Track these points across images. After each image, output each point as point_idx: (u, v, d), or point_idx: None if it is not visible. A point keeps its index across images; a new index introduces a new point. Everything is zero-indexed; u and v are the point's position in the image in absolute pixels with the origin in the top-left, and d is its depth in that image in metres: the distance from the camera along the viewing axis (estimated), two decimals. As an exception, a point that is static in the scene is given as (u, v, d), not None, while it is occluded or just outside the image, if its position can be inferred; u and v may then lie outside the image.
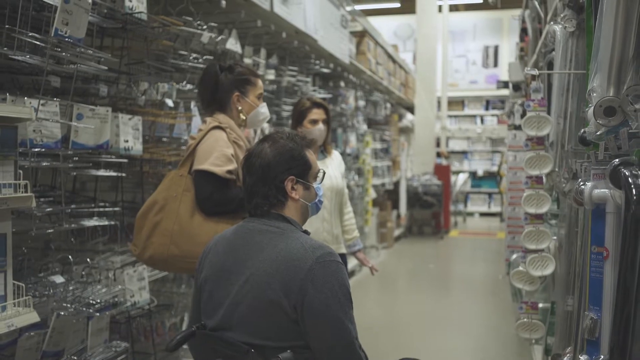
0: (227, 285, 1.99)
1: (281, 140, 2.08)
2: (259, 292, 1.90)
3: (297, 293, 1.86)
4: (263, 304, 1.89)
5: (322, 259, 1.90)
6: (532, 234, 3.03)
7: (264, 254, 1.95)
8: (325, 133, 3.57)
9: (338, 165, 3.70)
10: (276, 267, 1.90)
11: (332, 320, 1.89)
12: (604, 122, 1.63)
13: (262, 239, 1.99)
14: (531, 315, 3.18)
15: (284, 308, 1.87)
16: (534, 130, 3.01)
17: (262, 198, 2.04)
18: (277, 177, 2.04)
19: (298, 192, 2.07)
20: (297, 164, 2.07)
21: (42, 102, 2.50)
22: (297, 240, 1.97)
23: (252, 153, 2.08)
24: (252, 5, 4.28)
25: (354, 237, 3.77)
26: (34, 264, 2.83)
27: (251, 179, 2.05)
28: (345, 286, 1.93)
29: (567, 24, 2.90)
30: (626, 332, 1.37)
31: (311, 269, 1.88)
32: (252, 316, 1.92)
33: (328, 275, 1.89)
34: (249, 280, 1.93)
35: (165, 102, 3.44)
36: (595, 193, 1.83)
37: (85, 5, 2.53)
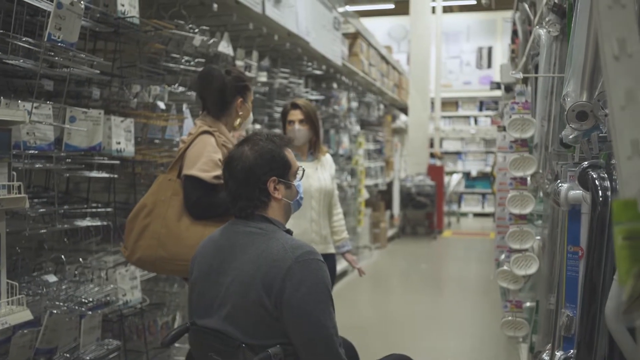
0: (215, 285, 2.04)
1: (260, 142, 2.11)
2: (243, 293, 1.95)
3: (277, 292, 1.90)
4: (247, 304, 1.94)
5: (302, 258, 1.94)
6: (516, 234, 3.10)
7: (247, 255, 2.00)
8: (303, 133, 3.63)
9: (328, 168, 3.76)
10: (258, 267, 1.95)
11: (309, 316, 1.91)
12: (576, 126, 1.69)
13: (246, 241, 2.04)
14: (515, 314, 3.24)
15: (266, 307, 1.91)
16: (518, 132, 3.07)
17: (246, 201, 2.08)
18: (260, 179, 2.07)
19: (280, 192, 2.11)
20: (277, 164, 2.11)
21: (35, 105, 2.55)
22: (278, 240, 2.00)
23: (233, 157, 2.10)
24: (244, 8, 4.34)
25: (342, 238, 3.83)
26: (27, 263, 2.89)
27: (234, 182, 2.08)
28: (324, 284, 1.96)
29: (551, 28, 2.96)
30: (593, 328, 1.44)
31: (290, 267, 1.91)
32: (238, 316, 1.96)
33: (306, 273, 1.92)
34: (234, 281, 1.98)
35: (157, 104, 3.50)
36: (570, 194, 1.90)
37: (77, 11, 2.58)
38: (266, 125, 5.50)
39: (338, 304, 3.83)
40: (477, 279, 8.07)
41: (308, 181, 3.56)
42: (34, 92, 2.57)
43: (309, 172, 3.56)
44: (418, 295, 7.24)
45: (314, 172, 3.64)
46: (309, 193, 3.58)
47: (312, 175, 3.61)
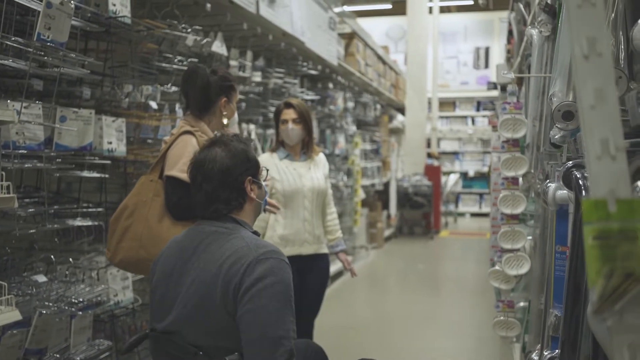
0: (176, 287, 2.01)
1: (231, 143, 2.10)
2: (203, 293, 1.92)
3: (236, 287, 1.87)
4: (207, 305, 1.91)
5: (264, 255, 1.92)
6: (508, 233, 3.09)
7: (209, 254, 1.98)
8: (297, 132, 3.60)
9: (322, 167, 3.75)
10: (220, 266, 1.92)
11: (261, 312, 1.85)
12: (562, 126, 1.69)
13: (210, 240, 2.02)
14: (507, 314, 3.24)
15: (226, 307, 1.88)
16: (510, 132, 3.07)
17: (224, 203, 2.06)
18: (237, 180, 2.06)
19: (254, 192, 2.12)
20: (251, 164, 2.12)
21: (25, 105, 2.55)
22: (243, 239, 1.99)
23: (206, 159, 2.07)
24: (238, 8, 4.33)
25: (336, 238, 3.81)
26: (18, 263, 2.88)
27: (210, 185, 2.05)
28: (284, 283, 1.92)
29: (543, 28, 2.95)
30: (577, 328, 1.43)
31: (250, 264, 1.89)
32: (198, 317, 1.93)
33: (267, 270, 1.89)
34: (195, 281, 1.95)
35: (149, 104, 3.49)
36: (558, 194, 1.90)
37: (67, 10, 2.58)
38: (261, 125, 5.50)
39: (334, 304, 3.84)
40: (474, 279, 8.07)
41: (301, 181, 3.56)
42: (23, 92, 2.57)
43: (301, 171, 3.59)
44: (414, 295, 7.24)
45: (307, 172, 3.62)
46: (302, 193, 3.57)
47: (305, 175, 3.60)
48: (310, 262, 3.60)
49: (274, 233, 3.54)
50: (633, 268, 0.74)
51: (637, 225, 0.74)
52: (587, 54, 0.75)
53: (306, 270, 3.57)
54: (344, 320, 5.74)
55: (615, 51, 1.50)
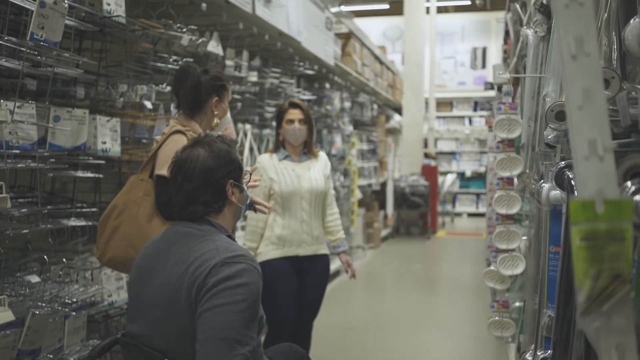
0: (147, 288, 1.96)
1: (215, 143, 2.04)
2: (170, 296, 1.87)
3: (198, 289, 1.82)
4: (173, 308, 1.85)
5: (230, 259, 1.85)
6: (503, 234, 3.09)
7: (179, 256, 1.93)
8: (303, 133, 3.59)
9: (322, 168, 3.71)
10: (186, 269, 1.87)
11: (218, 312, 1.77)
12: (555, 126, 1.69)
13: (182, 242, 1.97)
14: (502, 314, 3.24)
15: (190, 310, 1.82)
16: (505, 132, 3.06)
17: (202, 205, 2.01)
18: (219, 182, 2.01)
19: (236, 196, 2.06)
20: (234, 167, 2.06)
21: (18, 105, 2.54)
22: (214, 242, 1.93)
23: (187, 159, 2.01)
24: (234, 7, 4.32)
25: (337, 239, 3.78)
26: (11, 264, 2.87)
27: (190, 185, 2.00)
28: (248, 288, 1.82)
29: (538, 28, 2.95)
30: (569, 328, 1.43)
31: (215, 266, 1.83)
32: (165, 320, 1.88)
33: (231, 274, 1.82)
34: (162, 283, 1.90)
35: (144, 104, 3.48)
36: (552, 194, 1.90)
37: (61, 10, 2.57)
38: (257, 125, 5.49)
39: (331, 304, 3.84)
40: (471, 279, 8.07)
41: (299, 182, 3.54)
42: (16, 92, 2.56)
43: (300, 172, 3.57)
44: (411, 295, 7.24)
45: (306, 173, 3.60)
46: (300, 194, 3.54)
47: (303, 176, 3.58)
48: (308, 263, 3.57)
49: (272, 233, 3.52)
50: (621, 269, 0.74)
51: (624, 226, 0.74)
52: (574, 53, 0.74)
53: (305, 271, 3.56)
54: (341, 320, 5.73)
55: (608, 52, 1.50)
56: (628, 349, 0.78)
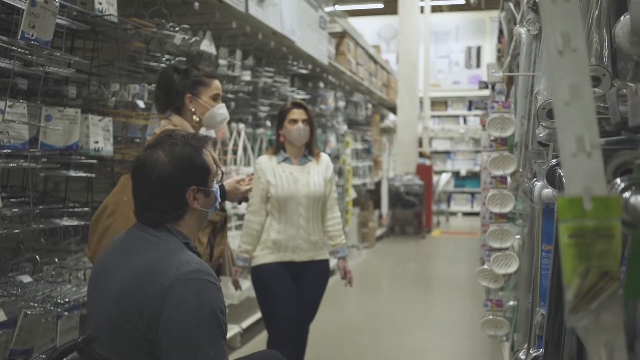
0: (100, 293, 1.87)
1: (177, 146, 1.89)
2: (120, 304, 1.76)
3: (154, 310, 1.70)
4: (121, 318, 1.75)
5: (186, 276, 1.72)
6: (496, 232, 3.09)
7: (132, 263, 1.81)
8: (305, 133, 3.47)
9: (323, 170, 3.57)
10: (137, 278, 1.76)
11: (188, 343, 1.69)
12: (547, 124, 1.69)
13: (137, 247, 1.86)
14: (496, 313, 3.24)
15: (138, 325, 1.72)
16: (498, 131, 3.06)
17: (159, 212, 1.88)
18: (179, 190, 1.88)
19: (199, 201, 1.92)
20: (198, 172, 1.91)
21: (9, 104, 2.52)
22: (167, 252, 1.80)
23: (145, 163, 1.87)
24: (227, 6, 4.31)
25: (337, 244, 3.65)
26: (3, 264, 2.86)
27: (147, 192, 1.88)
28: (211, 308, 1.73)
29: (531, 26, 2.95)
30: (561, 327, 1.43)
31: (172, 286, 1.71)
32: (112, 330, 1.78)
33: (190, 295, 1.70)
34: (115, 290, 1.80)
35: (136, 103, 3.47)
36: (544, 193, 1.90)
37: (52, 8, 2.56)
38: (250, 124, 5.48)
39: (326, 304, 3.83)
40: (466, 278, 8.07)
41: (296, 186, 3.42)
42: (7, 91, 2.54)
43: (298, 176, 3.45)
44: (406, 294, 7.24)
45: (304, 176, 3.47)
46: (297, 199, 3.41)
47: (301, 180, 3.45)
48: (305, 268, 3.47)
49: (268, 237, 3.43)
50: (609, 266, 0.74)
51: (612, 223, 0.74)
52: (561, 49, 0.74)
53: (301, 276, 3.47)
54: (335, 320, 5.73)
55: (599, 49, 1.49)
56: (617, 347, 0.78)
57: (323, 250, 3.57)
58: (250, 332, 5.12)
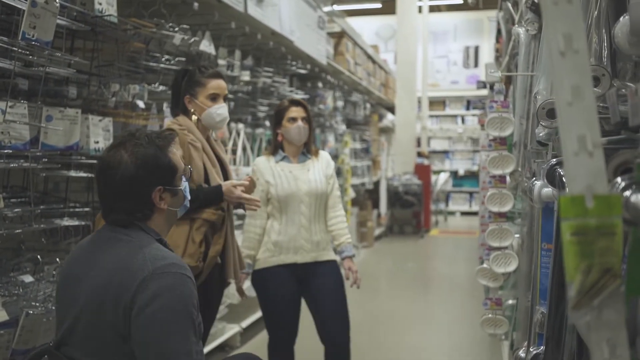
0: (70, 296, 1.83)
1: (141, 146, 1.84)
2: (93, 306, 1.74)
3: (127, 305, 1.69)
4: (95, 319, 1.73)
5: (161, 270, 1.72)
6: (496, 231, 3.11)
7: (104, 263, 1.79)
8: (305, 131, 3.40)
9: (323, 167, 3.48)
10: (111, 277, 1.74)
11: (157, 338, 1.68)
12: (546, 124, 1.70)
13: (108, 247, 1.83)
14: (495, 311, 3.25)
15: (115, 323, 1.70)
16: (497, 130, 3.08)
17: (125, 214, 1.85)
18: (143, 191, 1.85)
19: (166, 201, 1.89)
20: (163, 172, 1.88)
21: (10, 105, 2.53)
22: (141, 249, 1.78)
23: (108, 163, 1.83)
24: (226, 7, 4.32)
25: (341, 242, 3.48)
26: (5, 264, 2.86)
27: (111, 193, 1.85)
28: (183, 302, 1.72)
29: (530, 26, 2.96)
30: (561, 324, 1.44)
31: (145, 279, 1.70)
32: (85, 331, 1.76)
33: (163, 288, 1.70)
34: (85, 291, 1.77)
35: (136, 103, 3.48)
36: (544, 192, 1.91)
37: (52, 9, 2.56)
38: (250, 124, 5.49)
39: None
40: (464, 277, 8.10)
41: (296, 184, 3.33)
42: (8, 92, 2.55)
43: (297, 174, 3.36)
44: (405, 293, 7.26)
45: (304, 174, 3.38)
46: (298, 197, 3.32)
47: (301, 178, 3.36)
48: (310, 271, 3.35)
49: (269, 239, 3.33)
50: (611, 264, 0.75)
51: (614, 221, 0.75)
52: (563, 50, 0.75)
53: (307, 281, 3.35)
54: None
55: (598, 49, 1.51)
56: (619, 343, 0.79)
57: (328, 251, 3.43)
58: (249, 331, 5.13)
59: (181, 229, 2.76)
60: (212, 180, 2.93)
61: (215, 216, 2.86)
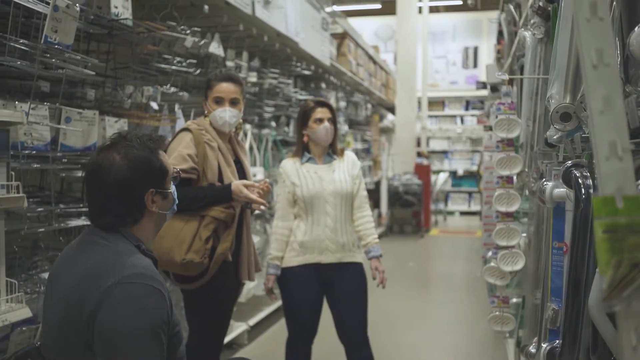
0: (49, 298, 1.85)
1: (134, 149, 1.84)
2: (63, 307, 1.73)
3: (91, 312, 1.66)
4: (64, 321, 1.73)
5: (127, 279, 1.68)
6: (503, 231, 3.17)
7: (78, 266, 1.77)
8: (332, 132, 3.40)
9: (349, 167, 3.47)
10: (80, 282, 1.72)
11: (117, 352, 1.65)
12: (560, 127, 1.77)
13: (85, 250, 1.82)
14: (503, 309, 3.32)
15: (79, 327, 1.69)
16: (505, 132, 3.15)
17: (115, 218, 1.84)
18: (136, 194, 1.84)
19: (157, 204, 1.89)
20: (155, 174, 1.87)
21: (32, 106, 2.60)
22: (115, 255, 1.76)
23: (100, 165, 1.82)
24: (234, 9, 4.39)
25: (368, 243, 3.50)
26: (23, 262, 2.92)
27: (102, 196, 1.83)
28: (148, 314, 1.68)
29: (536, 30, 3.03)
30: (577, 319, 1.51)
31: (110, 288, 1.67)
32: (57, 335, 1.76)
33: (127, 298, 1.66)
34: (60, 294, 1.77)
35: (150, 104, 3.55)
36: (555, 192, 1.97)
37: (73, 13, 2.63)
38: (256, 125, 5.55)
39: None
40: (464, 276, 8.17)
41: (321, 185, 3.33)
42: (30, 94, 2.62)
43: (322, 175, 3.36)
44: (406, 292, 7.32)
45: (329, 175, 3.38)
46: (323, 198, 3.32)
47: (325, 178, 3.36)
48: (334, 272, 3.37)
49: (295, 239, 3.34)
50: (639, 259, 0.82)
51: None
52: (595, 63, 0.82)
53: (332, 282, 3.38)
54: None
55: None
56: (644, 332, 0.86)
57: (353, 253, 3.43)
58: (257, 329, 5.19)
59: (190, 225, 2.85)
60: (226, 179, 3.01)
61: (224, 214, 2.94)
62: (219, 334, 3.08)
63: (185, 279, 2.96)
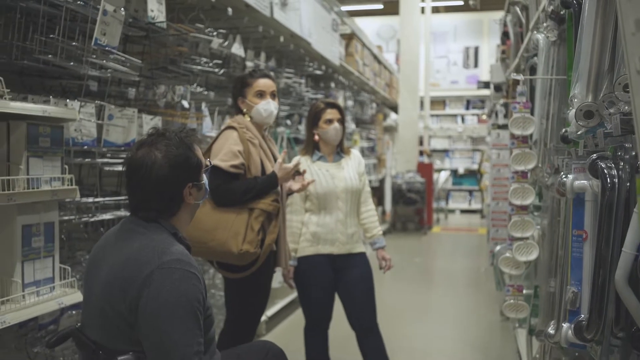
0: (91, 281, 1.98)
1: (173, 148, 1.97)
2: (106, 292, 1.87)
3: (134, 297, 1.81)
4: (107, 304, 1.86)
5: (167, 265, 1.83)
6: (518, 223, 3.35)
7: (120, 253, 1.92)
8: (341, 132, 3.61)
9: (356, 166, 3.70)
10: (122, 267, 1.87)
11: (160, 329, 1.79)
12: (583, 124, 1.95)
13: (125, 238, 1.96)
14: (517, 297, 3.50)
15: (121, 310, 1.82)
16: (520, 129, 3.32)
17: (156, 211, 1.99)
18: (176, 190, 1.98)
19: (194, 196, 2.04)
20: (193, 170, 2.02)
21: (81, 104, 2.77)
22: (153, 241, 1.90)
23: (143, 163, 1.94)
24: (254, 11, 4.56)
25: (374, 235, 3.76)
26: (66, 252, 3.09)
27: (144, 192, 1.96)
28: (186, 297, 1.82)
29: (550, 33, 3.20)
30: (602, 296, 1.69)
31: (151, 273, 1.81)
32: (100, 316, 1.89)
33: (168, 282, 1.81)
34: (102, 278, 1.91)
35: (182, 103, 3.72)
36: (576, 184, 2.16)
37: (119, 17, 2.80)
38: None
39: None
40: (468, 272, 8.33)
41: (334, 182, 3.54)
42: (81, 92, 2.79)
43: (334, 172, 3.57)
44: (413, 286, 7.48)
45: (340, 172, 3.59)
46: (335, 194, 3.54)
47: (337, 176, 3.57)
48: (344, 263, 3.58)
49: (307, 230, 3.55)
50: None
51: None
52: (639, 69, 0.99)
53: (341, 271, 3.58)
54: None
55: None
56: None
57: (359, 244, 3.66)
58: (274, 319, 5.35)
59: (241, 217, 3.02)
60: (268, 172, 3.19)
61: (272, 207, 3.11)
62: (256, 319, 3.25)
63: (230, 267, 3.12)
